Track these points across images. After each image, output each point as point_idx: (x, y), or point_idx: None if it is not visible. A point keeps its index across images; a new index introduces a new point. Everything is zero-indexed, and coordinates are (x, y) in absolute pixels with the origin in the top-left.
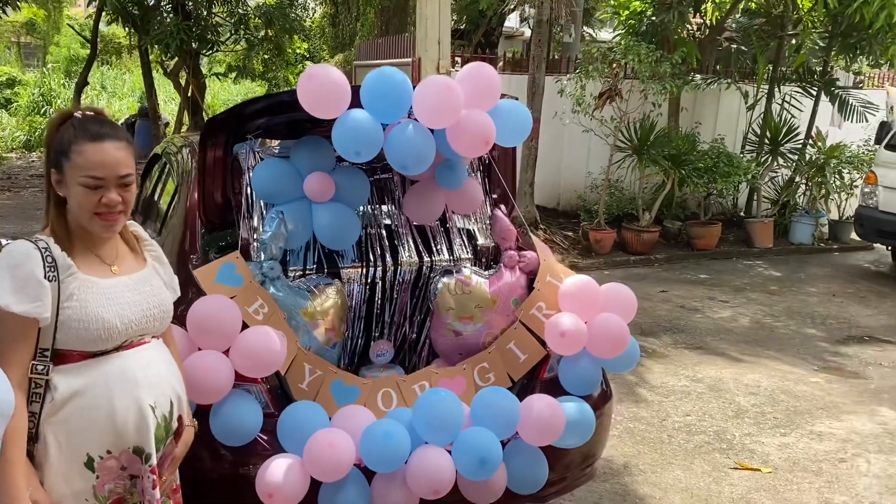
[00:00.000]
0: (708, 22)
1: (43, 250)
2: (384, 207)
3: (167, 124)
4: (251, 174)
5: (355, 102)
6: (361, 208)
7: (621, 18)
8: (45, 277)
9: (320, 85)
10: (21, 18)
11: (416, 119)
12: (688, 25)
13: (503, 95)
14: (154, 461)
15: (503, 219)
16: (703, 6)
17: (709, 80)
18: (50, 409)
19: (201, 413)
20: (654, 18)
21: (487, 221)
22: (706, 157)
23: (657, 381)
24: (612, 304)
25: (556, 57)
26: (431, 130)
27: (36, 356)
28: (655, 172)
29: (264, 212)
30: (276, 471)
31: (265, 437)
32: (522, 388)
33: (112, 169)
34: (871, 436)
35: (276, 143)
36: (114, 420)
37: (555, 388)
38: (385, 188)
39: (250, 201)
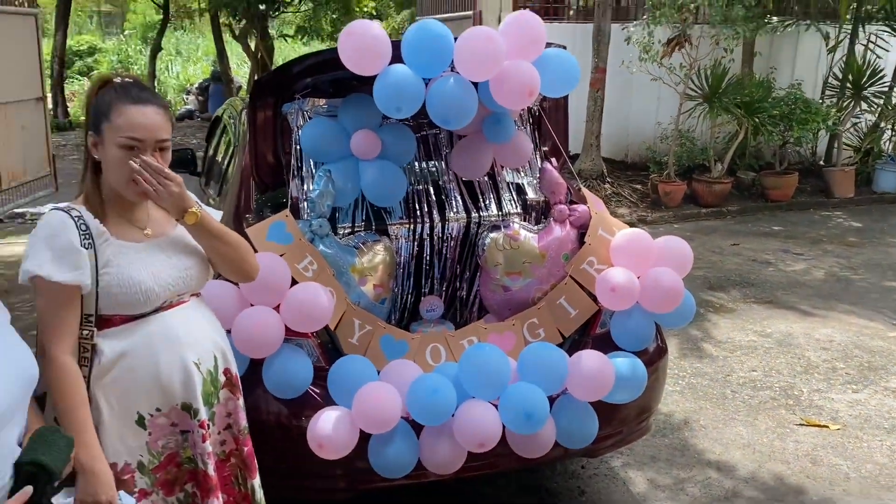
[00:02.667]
0: None
1: (76, 218)
2: (432, 163)
3: (240, 87)
4: (299, 133)
5: (397, 58)
6: (409, 164)
7: None
8: (81, 245)
9: (359, 41)
10: None
11: (457, 72)
12: None
13: (549, 44)
14: (203, 416)
15: (553, 172)
16: None
17: (786, 23)
18: (98, 372)
19: (255, 364)
20: None
21: (537, 175)
22: (782, 104)
23: (723, 336)
24: (667, 257)
25: (625, 4)
26: (475, 84)
27: (82, 322)
28: (728, 121)
29: (313, 171)
30: (326, 422)
31: (317, 391)
32: (574, 344)
33: (152, 132)
34: None
35: (323, 102)
36: (159, 379)
37: (607, 344)
38: (432, 144)
39: (299, 160)
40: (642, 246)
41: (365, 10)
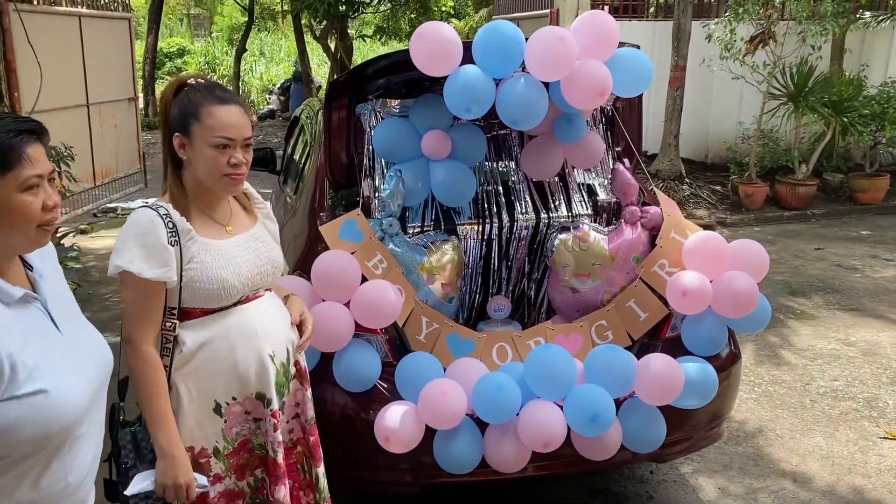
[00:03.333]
0: None
1: (164, 217)
2: (501, 163)
3: (319, 87)
4: (372, 133)
5: (468, 58)
6: (478, 165)
7: None
8: (168, 243)
9: (431, 42)
10: None
11: (528, 72)
12: None
13: (622, 43)
14: (275, 406)
15: (625, 173)
16: None
17: (879, 18)
18: (179, 362)
19: (326, 357)
20: None
21: (609, 176)
22: (874, 103)
23: (803, 344)
24: (741, 261)
25: (706, 1)
26: (546, 84)
27: (165, 315)
28: (814, 121)
29: (385, 170)
30: (393, 416)
31: (384, 385)
32: (643, 347)
33: (240, 130)
34: None
35: (395, 102)
36: (236, 369)
37: (677, 348)
38: (503, 144)
39: (372, 160)
40: (716, 249)
41: (443, 9)
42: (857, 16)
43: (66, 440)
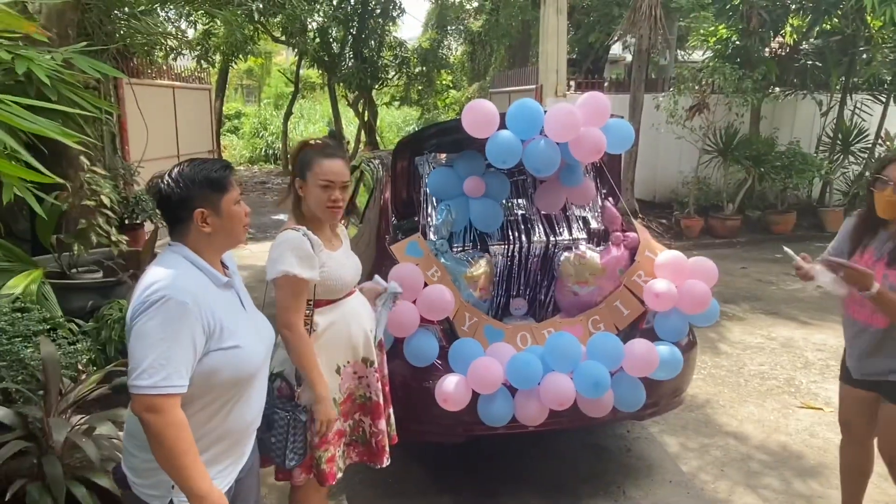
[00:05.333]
0: (787, 42)
1: (304, 235)
2: (520, 201)
3: (347, 142)
4: (427, 178)
5: (502, 125)
6: (504, 201)
7: (710, 44)
8: (313, 253)
9: (479, 114)
10: (243, 67)
11: (545, 135)
12: (767, 47)
13: (612, 115)
14: (376, 364)
15: (611, 208)
16: (783, 30)
17: (787, 93)
18: (314, 337)
19: (398, 341)
20: (738, 43)
21: (598, 210)
22: (783, 157)
23: (735, 339)
24: (698, 272)
25: (653, 76)
26: (558, 143)
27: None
28: (738, 170)
29: (435, 205)
30: (449, 384)
31: (440, 362)
32: (626, 336)
33: (338, 175)
34: None
35: (443, 155)
36: (350, 341)
37: (651, 337)
38: (521, 186)
39: (426, 198)
40: (679, 263)
41: (444, 83)
42: (770, 91)
43: (247, 386)
